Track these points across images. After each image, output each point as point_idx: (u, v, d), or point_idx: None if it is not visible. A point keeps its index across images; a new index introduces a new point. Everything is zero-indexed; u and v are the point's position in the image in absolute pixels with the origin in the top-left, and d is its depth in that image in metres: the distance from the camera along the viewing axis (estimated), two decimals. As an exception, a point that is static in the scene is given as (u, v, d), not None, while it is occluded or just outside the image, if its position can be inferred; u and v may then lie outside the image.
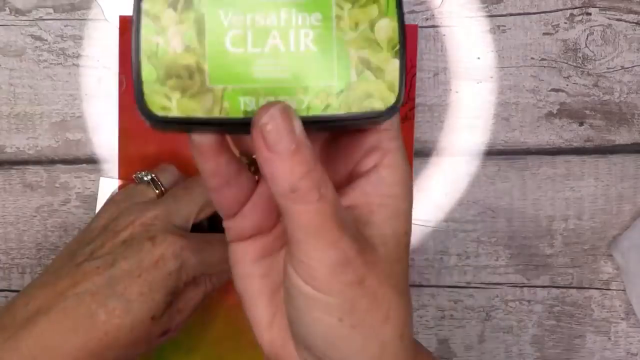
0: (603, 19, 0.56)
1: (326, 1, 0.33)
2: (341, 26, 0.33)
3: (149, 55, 0.32)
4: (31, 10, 0.54)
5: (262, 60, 0.33)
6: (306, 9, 0.33)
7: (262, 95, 0.33)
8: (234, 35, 0.33)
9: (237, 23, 0.33)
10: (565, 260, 0.58)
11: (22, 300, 0.45)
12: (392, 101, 0.34)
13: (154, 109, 0.32)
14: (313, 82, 0.33)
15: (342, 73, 0.33)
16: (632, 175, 0.57)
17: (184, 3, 0.33)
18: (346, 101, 0.33)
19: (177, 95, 0.33)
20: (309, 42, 0.33)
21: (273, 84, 0.33)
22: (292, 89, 0.33)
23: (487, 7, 0.56)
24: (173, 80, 0.33)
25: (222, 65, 0.33)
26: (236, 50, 0.33)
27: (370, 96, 0.34)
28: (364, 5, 0.34)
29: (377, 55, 0.34)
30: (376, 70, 0.34)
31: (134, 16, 0.32)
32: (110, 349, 0.44)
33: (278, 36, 0.33)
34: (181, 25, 0.32)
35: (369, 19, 0.33)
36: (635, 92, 0.57)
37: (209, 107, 0.33)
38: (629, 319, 0.58)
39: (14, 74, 0.54)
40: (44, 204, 0.55)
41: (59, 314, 0.44)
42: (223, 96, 0.33)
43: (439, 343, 0.58)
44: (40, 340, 0.43)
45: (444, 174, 0.57)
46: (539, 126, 0.56)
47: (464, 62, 0.56)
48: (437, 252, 0.57)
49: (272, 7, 0.33)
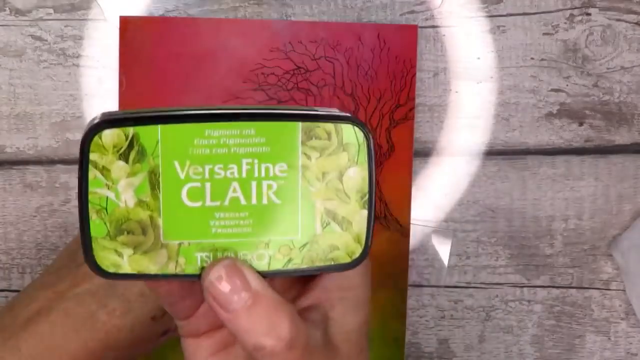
0: (603, 19, 0.56)
1: (292, 150, 0.31)
2: (307, 176, 0.32)
3: (98, 210, 0.30)
4: (31, 11, 0.54)
5: (221, 214, 0.31)
6: (270, 159, 0.31)
7: (220, 250, 0.31)
8: (191, 188, 0.31)
9: (194, 175, 0.31)
10: (565, 260, 0.58)
11: (23, 300, 0.45)
12: (357, 253, 0.33)
13: (104, 266, 0.31)
14: (275, 236, 0.32)
15: (307, 226, 0.32)
16: (632, 175, 0.57)
17: (136, 154, 0.30)
18: (309, 255, 0.32)
19: (128, 252, 0.31)
20: (272, 194, 0.31)
21: (232, 239, 0.31)
22: (253, 244, 0.32)
23: (487, 7, 0.56)
24: (124, 236, 0.31)
25: (178, 219, 0.31)
26: (193, 203, 0.31)
27: (335, 249, 0.32)
28: (333, 154, 0.32)
29: (345, 206, 0.32)
30: (342, 222, 0.32)
31: (80, 167, 0.30)
32: (111, 349, 0.44)
33: (239, 188, 0.31)
34: (133, 177, 0.30)
35: (338, 168, 0.32)
36: (635, 92, 0.57)
37: (163, 263, 0.31)
38: (629, 319, 0.58)
39: (14, 74, 0.54)
40: (44, 204, 0.55)
41: (59, 314, 0.44)
42: (179, 252, 0.31)
43: (439, 343, 0.58)
44: (41, 340, 0.43)
45: (444, 174, 0.57)
46: (539, 126, 0.56)
47: (464, 62, 0.56)
48: (437, 252, 0.57)
49: (232, 158, 0.31)
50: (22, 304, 0.45)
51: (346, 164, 0.32)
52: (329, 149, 0.32)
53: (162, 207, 0.31)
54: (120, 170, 0.30)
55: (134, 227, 0.31)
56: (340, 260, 0.32)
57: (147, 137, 0.30)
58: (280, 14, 0.55)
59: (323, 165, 0.32)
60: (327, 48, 0.54)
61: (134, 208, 0.31)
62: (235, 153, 0.31)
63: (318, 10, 0.55)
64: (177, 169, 0.31)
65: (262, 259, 0.32)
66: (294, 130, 0.31)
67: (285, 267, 0.32)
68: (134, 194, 0.31)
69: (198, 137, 0.31)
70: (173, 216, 0.31)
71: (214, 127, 0.31)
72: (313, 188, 0.32)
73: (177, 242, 0.31)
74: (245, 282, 0.30)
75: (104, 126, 0.30)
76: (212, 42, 0.54)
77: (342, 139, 0.32)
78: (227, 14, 0.54)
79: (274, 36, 0.54)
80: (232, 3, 0.54)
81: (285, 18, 0.55)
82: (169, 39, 0.54)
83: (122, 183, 0.30)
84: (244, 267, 0.30)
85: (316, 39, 0.54)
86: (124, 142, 0.30)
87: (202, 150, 0.31)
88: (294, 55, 0.54)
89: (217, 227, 0.31)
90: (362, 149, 0.32)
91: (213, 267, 0.30)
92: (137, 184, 0.31)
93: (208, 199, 0.31)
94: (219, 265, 0.30)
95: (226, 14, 0.54)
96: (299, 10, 0.55)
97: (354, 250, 0.32)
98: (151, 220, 0.31)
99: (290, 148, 0.31)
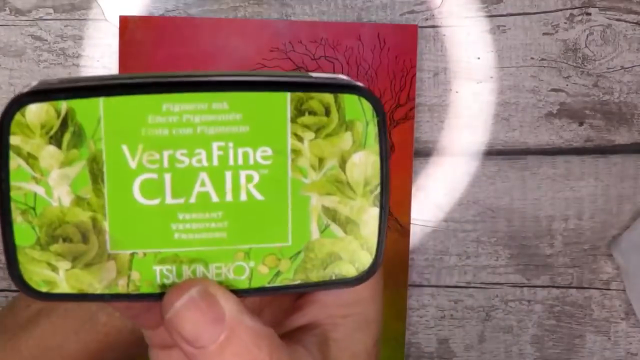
0: (603, 19, 0.56)
1: (278, 130, 0.24)
2: (299, 164, 0.24)
3: (23, 211, 0.23)
4: (31, 10, 0.54)
5: (185, 214, 0.24)
6: (249, 141, 0.24)
7: (186, 262, 0.24)
8: (145, 180, 0.24)
9: (149, 164, 0.24)
10: (565, 260, 0.58)
11: (23, 301, 0.45)
12: (366, 264, 0.26)
13: (33, 283, 0.24)
14: (258, 244, 0.25)
15: (299, 229, 0.25)
16: (632, 175, 0.57)
17: (71, 136, 0.23)
18: (303, 267, 0.25)
19: (65, 265, 0.24)
20: (252, 188, 0.24)
21: (201, 247, 0.24)
22: (229, 254, 0.24)
23: (487, 7, 0.56)
24: (59, 245, 0.24)
25: (129, 222, 0.24)
26: (149, 201, 0.24)
27: (337, 258, 0.25)
28: (333, 134, 0.25)
29: (349, 202, 0.25)
30: (346, 224, 0.25)
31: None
32: (111, 350, 0.44)
33: (208, 181, 0.24)
34: (69, 167, 0.23)
35: (340, 152, 0.25)
36: (635, 92, 0.57)
37: (111, 279, 0.24)
38: (629, 319, 0.58)
39: (14, 74, 0.54)
40: (44, 204, 0.55)
41: (59, 315, 0.44)
42: (131, 265, 0.24)
43: (439, 343, 0.58)
44: (42, 341, 0.43)
45: (444, 174, 0.57)
46: (539, 126, 0.56)
47: (464, 62, 0.56)
48: (437, 252, 0.57)
49: (199, 140, 0.24)
50: (23, 304, 0.45)
51: (350, 147, 0.25)
52: (328, 128, 0.25)
53: (107, 207, 0.24)
54: (52, 158, 0.23)
55: (71, 232, 0.24)
56: (344, 273, 0.26)
57: (86, 114, 0.23)
58: (280, 14, 0.55)
59: (320, 148, 0.25)
60: (327, 48, 0.54)
61: (70, 208, 0.24)
62: (203, 134, 0.24)
63: (318, 10, 0.55)
64: (127, 156, 0.24)
65: (241, 274, 0.25)
66: (280, 103, 0.24)
67: (272, 283, 0.25)
68: (70, 189, 0.24)
69: (153, 113, 0.23)
70: (122, 218, 0.24)
71: (174, 100, 0.23)
72: (307, 180, 0.25)
73: (129, 252, 0.24)
74: (218, 312, 0.24)
75: (27, 100, 0.23)
76: (212, 42, 0.54)
77: (345, 115, 0.25)
78: (227, 14, 0.54)
79: (274, 36, 0.54)
80: (232, 3, 0.54)
81: (285, 18, 0.55)
82: (169, 39, 0.54)
83: (54, 175, 0.23)
84: (218, 292, 0.24)
85: (316, 39, 0.54)
86: (55, 121, 0.23)
87: (159, 130, 0.23)
88: (294, 55, 0.54)
89: (181, 231, 0.24)
90: (371, 128, 0.25)
91: (177, 294, 0.24)
92: (73, 176, 0.24)
93: (168, 196, 0.24)
94: (186, 294, 0.24)
95: (226, 14, 0.54)
96: (299, 10, 0.55)
97: (361, 259, 0.26)
98: (94, 223, 0.24)
99: (276, 127, 0.24)
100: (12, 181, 0.23)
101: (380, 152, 0.25)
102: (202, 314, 0.23)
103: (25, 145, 0.23)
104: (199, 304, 0.23)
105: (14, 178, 0.23)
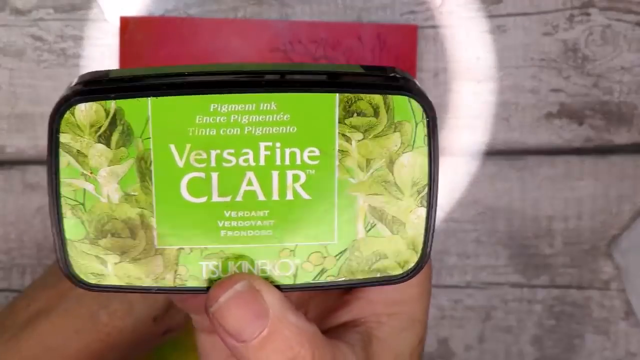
0: (603, 19, 0.56)
1: (326, 131, 0.24)
2: (346, 164, 0.25)
3: (73, 206, 0.24)
4: (31, 11, 0.54)
5: (232, 212, 0.25)
6: (297, 142, 0.24)
7: (232, 258, 0.25)
8: (193, 179, 0.24)
9: (196, 163, 0.24)
10: (565, 260, 0.58)
11: (24, 301, 0.45)
12: (412, 263, 0.26)
13: (83, 275, 0.25)
14: (304, 241, 0.25)
15: (345, 228, 0.25)
16: (632, 175, 0.57)
17: (120, 135, 0.24)
18: (348, 265, 0.26)
19: (114, 259, 0.25)
20: (299, 187, 0.25)
21: (247, 244, 0.25)
22: (274, 251, 0.25)
23: (487, 7, 0.56)
24: (108, 240, 0.25)
25: (176, 219, 0.25)
26: (196, 199, 0.25)
27: (383, 257, 0.26)
28: (381, 135, 0.25)
29: (396, 203, 0.25)
30: (393, 223, 0.26)
31: (49, 152, 0.24)
32: (112, 350, 0.44)
33: (255, 180, 0.25)
34: (117, 165, 0.24)
35: (387, 153, 0.25)
36: (635, 92, 0.57)
37: (158, 273, 0.25)
38: (629, 319, 0.58)
39: (14, 74, 0.54)
40: (44, 204, 0.55)
41: (60, 315, 0.44)
42: (178, 260, 0.25)
43: (439, 343, 0.58)
44: (42, 341, 0.43)
45: (444, 174, 0.57)
46: (539, 126, 0.57)
47: (464, 62, 0.56)
48: (437, 252, 0.57)
49: (246, 140, 0.24)
50: (23, 304, 0.45)
51: (399, 148, 0.25)
52: (376, 129, 0.25)
53: (155, 204, 0.24)
54: (101, 156, 0.24)
55: (119, 227, 0.25)
56: (389, 271, 0.26)
57: (134, 114, 0.24)
58: (280, 14, 0.55)
59: (368, 149, 0.25)
60: (327, 48, 0.54)
61: (119, 204, 0.24)
62: (251, 134, 0.24)
63: (318, 10, 0.55)
64: (174, 155, 0.24)
65: (286, 270, 0.25)
66: (329, 104, 0.24)
67: (317, 279, 0.26)
68: (119, 187, 0.24)
69: (201, 113, 0.24)
70: (170, 215, 0.25)
71: (221, 101, 0.24)
72: (354, 180, 0.25)
73: (176, 247, 0.25)
74: (262, 308, 0.24)
75: (77, 99, 0.24)
76: (212, 42, 0.54)
77: (394, 116, 0.25)
78: (227, 14, 0.54)
79: (274, 36, 0.54)
80: (232, 3, 0.54)
81: (285, 18, 0.55)
82: (169, 39, 0.54)
83: (103, 172, 0.24)
84: (263, 288, 0.25)
85: (316, 39, 0.54)
86: (104, 120, 0.24)
87: (207, 130, 0.24)
88: (294, 55, 0.54)
89: (227, 228, 0.25)
90: (420, 129, 0.25)
91: (222, 288, 0.24)
92: (122, 174, 0.24)
93: (215, 194, 0.25)
94: (231, 288, 0.24)
95: (226, 14, 0.54)
96: (299, 10, 0.55)
97: (407, 259, 0.26)
98: (142, 219, 0.25)
99: (324, 128, 0.24)
100: (62, 178, 0.24)
101: (429, 153, 0.25)
102: (246, 308, 0.24)
103: (75, 143, 0.24)
104: (243, 298, 0.24)
105: (64, 175, 0.24)
